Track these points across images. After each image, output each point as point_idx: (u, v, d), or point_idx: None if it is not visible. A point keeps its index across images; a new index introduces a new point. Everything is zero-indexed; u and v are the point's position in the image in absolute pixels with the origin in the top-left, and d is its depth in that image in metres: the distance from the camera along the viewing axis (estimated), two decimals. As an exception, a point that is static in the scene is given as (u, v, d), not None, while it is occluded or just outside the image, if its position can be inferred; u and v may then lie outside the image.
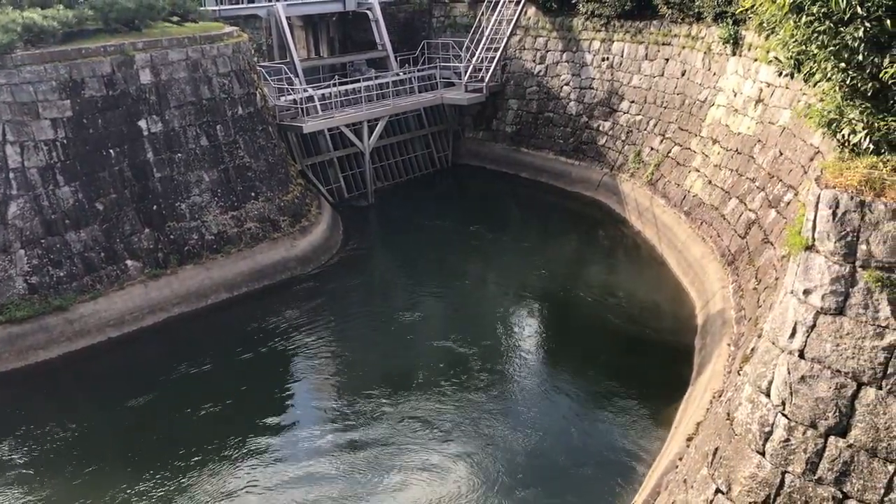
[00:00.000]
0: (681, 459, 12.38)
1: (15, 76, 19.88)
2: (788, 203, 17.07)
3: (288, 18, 31.68)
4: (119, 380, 18.31)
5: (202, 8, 27.38)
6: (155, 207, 22.14)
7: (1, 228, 19.74)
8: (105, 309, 20.25)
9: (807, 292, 9.18)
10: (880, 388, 8.56)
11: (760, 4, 10.62)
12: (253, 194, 24.45)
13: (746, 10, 11.81)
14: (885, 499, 8.50)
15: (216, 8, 29.54)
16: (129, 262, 21.25)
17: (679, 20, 27.03)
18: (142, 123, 22.05)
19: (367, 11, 34.01)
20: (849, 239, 8.73)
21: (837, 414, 8.81)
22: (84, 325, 19.76)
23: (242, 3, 32.08)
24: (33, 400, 17.62)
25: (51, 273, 19.97)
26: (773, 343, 9.69)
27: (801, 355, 9.18)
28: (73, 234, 20.53)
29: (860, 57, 9.27)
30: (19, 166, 19.97)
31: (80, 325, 19.71)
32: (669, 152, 26.03)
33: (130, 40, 22.14)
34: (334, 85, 30.86)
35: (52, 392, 17.92)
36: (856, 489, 8.68)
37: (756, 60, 21.56)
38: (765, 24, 11.60)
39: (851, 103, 9.87)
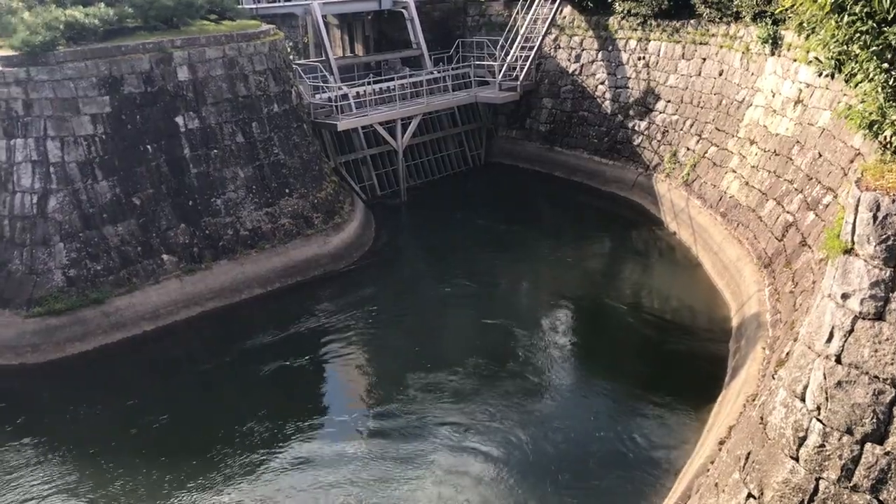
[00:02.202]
0: (712, 463, 12.26)
1: (57, 73, 20.26)
2: (827, 206, 16.80)
3: (324, 17, 31.86)
4: (154, 372, 18.63)
5: (240, 6, 27.62)
6: (191, 203, 22.41)
7: (41, 222, 20.14)
8: (141, 302, 20.55)
9: (845, 296, 9.03)
10: (920, 395, 8.39)
11: (801, 4, 10.47)
12: (287, 191, 24.65)
13: (786, 9, 11.67)
14: (923, 508, 8.35)
15: (253, 6, 29.78)
16: (164, 257, 21.54)
17: (717, 20, 26.72)
18: (179, 120, 22.34)
19: (403, 10, 34.07)
20: (890, 242, 8.57)
21: (875, 420, 8.65)
22: (120, 319, 20.07)
23: (279, 1, 32.30)
24: (70, 389, 18.00)
25: (88, 266, 20.32)
26: (810, 347, 9.54)
27: (838, 360, 9.03)
28: (110, 228, 20.86)
29: (903, 57, 9.11)
30: (59, 161, 20.36)
31: (116, 318, 20.02)
32: (706, 153, 25.76)
33: (169, 38, 22.44)
34: (369, 83, 30.97)
35: (88, 383, 18.24)
36: (892, 497, 8.52)
37: (795, 61, 21.24)
38: (805, 24, 11.45)
39: (894, 104, 9.69)
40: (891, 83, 9.49)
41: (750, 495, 9.82)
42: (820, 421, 9.12)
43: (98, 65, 20.79)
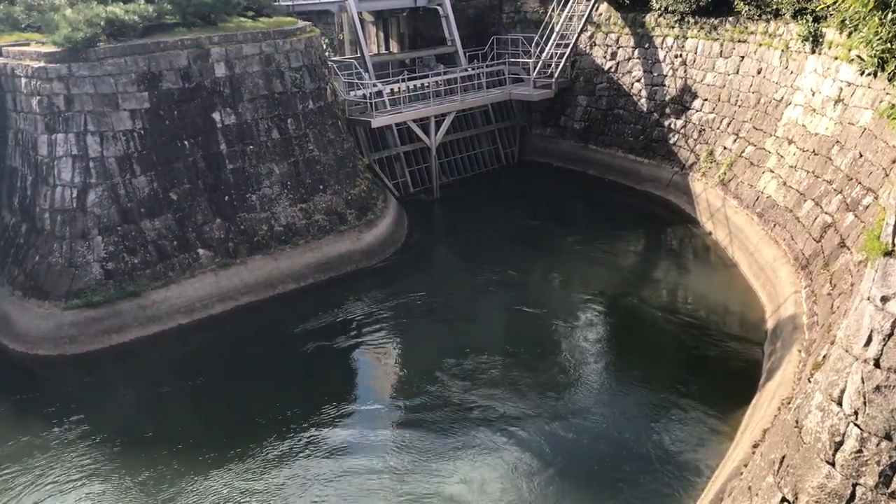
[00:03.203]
0: (746, 466, 12.12)
1: (97, 68, 20.58)
2: (867, 207, 16.49)
3: (359, 13, 31.98)
4: (188, 364, 18.86)
5: (276, 3, 27.84)
6: (226, 198, 22.64)
7: (80, 215, 20.50)
8: (176, 296, 20.81)
9: (884, 299, 8.85)
10: (961, 401, 8.21)
11: (843, 1, 10.29)
12: (321, 187, 24.80)
13: (828, 6, 11.48)
14: (964, 517, 8.17)
15: (290, 3, 29.97)
16: (200, 251, 21.79)
17: (756, 17, 26.35)
18: (216, 116, 22.57)
19: (438, 7, 34.08)
20: (931, 245, 8.39)
21: (914, 426, 8.49)
22: (156, 312, 20.35)
23: (315, -2, 32.48)
24: (107, 380, 18.40)
25: (126, 260, 20.63)
26: (847, 351, 9.38)
27: (877, 364, 8.87)
28: (147, 223, 21.16)
29: (949, 55, 8.91)
30: (99, 155, 20.68)
31: (152, 312, 20.30)
32: (743, 152, 25.43)
33: (206, 34, 22.67)
34: (403, 80, 31.03)
35: (124, 373, 18.60)
36: (932, 505, 8.35)
37: (836, 59, 20.88)
38: (847, 21, 11.27)
39: (938, 104, 9.49)
40: (935, 82, 9.30)
41: (784, 500, 9.68)
42: (857, 426, 8.96)
43: (137, 61, 21.08)
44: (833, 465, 9.16)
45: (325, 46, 29.25)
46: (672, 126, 29.43)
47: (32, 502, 14.23)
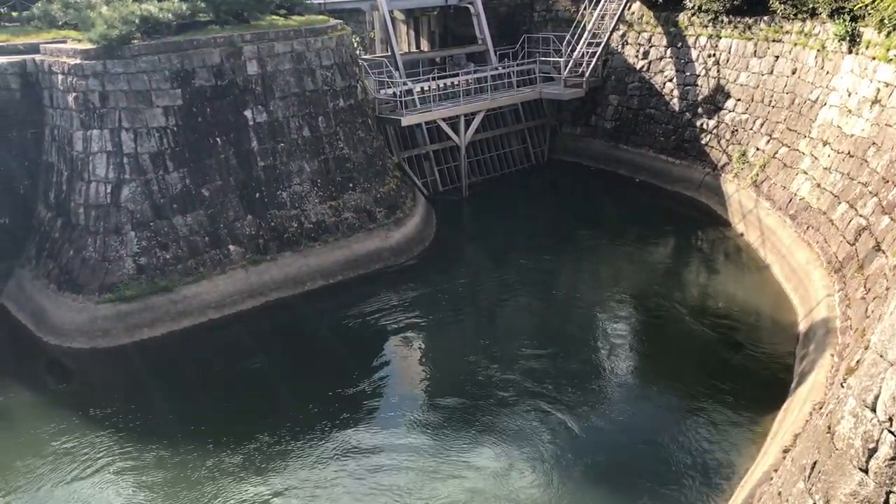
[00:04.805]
0: (776, 471, 11.99)
1: (132, 65, 20.84)
2: (904, 210, 16.23)
3: (390, 12, 32.05)
4: (217, 359, 19.05)
5: (308, 1, 27.98)
6: (257, 195, 22.82)
7: (114, 210, 20.78)
8: (207, 291, 21.02)
9: (921, 304, 8.70)
10: None
11: (881, 0, 10.13)
12: (351, 185, 24.90)
13: (866, 5, 11.31)
14: None
15: (321, 1, 30.12)
16: (231, 248, 21.98)
17: (791, 16, 26.00)
18: (247, 113, 22.75)
19: (469, 5, 34.04)
20: (970, 250, 8.23)
21: (950, 434, 8.33)
22: (187, 307, 20.57)
23: (347, -4, 32.59)
24: (139, 373, 18.61)
25: (158, 255, 20.88)
26: (882, 356, 9.23)
27: (913, 370, 8.72)
28: (179, 219, 21.39)
29: None
30: (132, 152, 20.95)
31: (183, 306, 20.53)
32: (776, 153, 25.12)
33: (239, 32, 22.86)
34: (433, 79, 31.04)
35: (155, 367, 18.80)
36: (968, 515, 8.20)
37: (874, 59, 20.53)
38: (886, 21, 11.08)
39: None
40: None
41: (815, 506, 9.56)
42: (892, 433, 8.82)
43: (171, 58, 21.30)
44: (866, 472, 9.02)
45: (355, 44, 29.37)
46: (704, 126, 29.15)
47: (64, 485, 14.50)
